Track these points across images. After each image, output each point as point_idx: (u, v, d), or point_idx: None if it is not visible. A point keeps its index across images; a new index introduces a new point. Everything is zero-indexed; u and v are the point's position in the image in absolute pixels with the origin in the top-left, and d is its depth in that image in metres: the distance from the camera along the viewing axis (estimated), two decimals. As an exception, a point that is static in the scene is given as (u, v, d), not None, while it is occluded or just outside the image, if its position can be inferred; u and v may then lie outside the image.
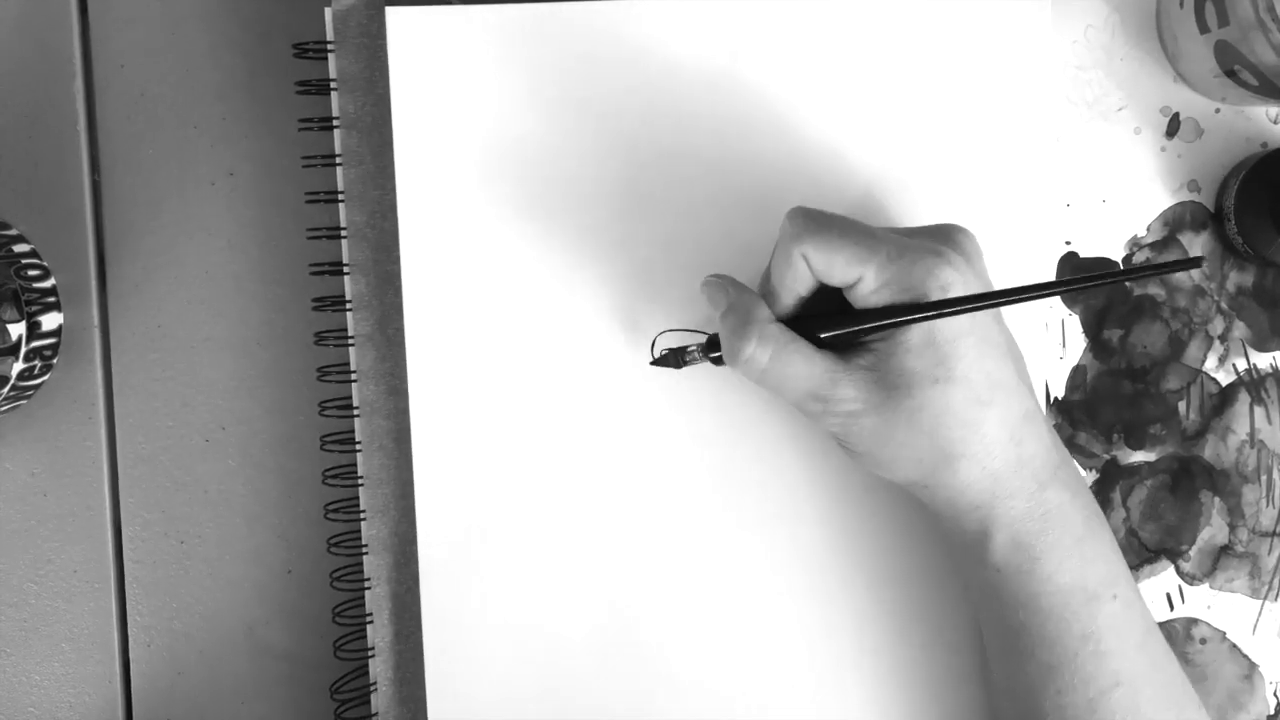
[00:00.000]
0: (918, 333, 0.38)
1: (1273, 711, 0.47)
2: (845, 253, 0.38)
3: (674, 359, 0.43)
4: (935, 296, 0.37)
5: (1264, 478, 0.48)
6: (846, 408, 0.39)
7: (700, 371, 0.44)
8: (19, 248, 0.47)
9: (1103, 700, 0.38)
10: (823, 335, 0.39)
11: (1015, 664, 0.40)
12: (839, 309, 0.40)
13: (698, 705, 0.45)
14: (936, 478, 0.39)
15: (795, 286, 0.39)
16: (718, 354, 0.42)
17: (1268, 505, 0.47)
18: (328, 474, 0.47)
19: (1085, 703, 0.38)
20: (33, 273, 0.47)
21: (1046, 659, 0.39)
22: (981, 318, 0.38)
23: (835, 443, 0.41)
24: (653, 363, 0.44)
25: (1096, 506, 0.40)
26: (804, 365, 0.39)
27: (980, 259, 0.40)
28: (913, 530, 0.45)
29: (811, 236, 0.38)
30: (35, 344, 0.46)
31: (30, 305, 0.46)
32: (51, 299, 0.48)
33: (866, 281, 0.38)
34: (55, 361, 0.49)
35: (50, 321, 0.48)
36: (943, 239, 0.39)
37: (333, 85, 0.45)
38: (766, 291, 0.40)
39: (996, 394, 0.38)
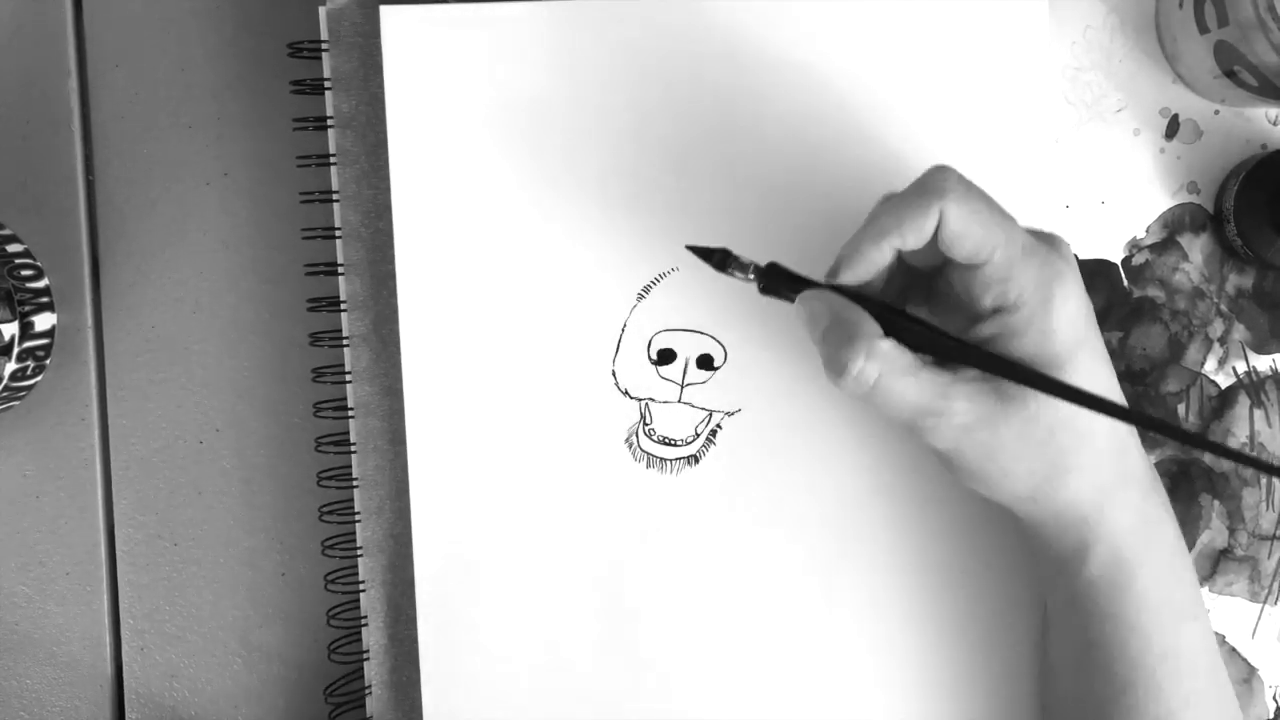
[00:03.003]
0: (1031, 340, 0.36)
1: (1272, 715, 0.47)
2: (985, 227, 0.36)
3: (717, 257, 0.39)
4: (1059, 300, 0.36)
5: (1264, 481, 0.47)
6: (960, 420, 0.36)
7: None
8: (12, 247, 0.47)
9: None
10: (936, 336, 0.37)
11: (1088, 676, 0.39)
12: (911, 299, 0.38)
13: (700, 708, 0.45)
14: (1045, 491, 0.38)
15: (908, 236, 0.36)
16: (765, 285, 0.39)
17: (1267, 509, 0.47)
18: (322, 475, 0.47)
19: None
20: (26, 273, 0.47)
21: (1124, 674, 0.38)
22: (1095, 328, 0.37)
23: (940, 461, 0.39)
24: (689, 246, 0.40)
25: (1178, 525, 0.40)
26: (914, 381, 0.36)
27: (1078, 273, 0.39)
28: (956, 530, 0.45)
29: (959, 196, 0.35)
30: (28, 344, 0.46)
31: (23, 305, 0.46)
32: (45, 299, 0.48)
33: (995, 265, 0.36)
34: (48, 362, 0.48)
35: (43, 322, 0.47)
36: (1056, 242, 0.38)
37: (327, 84, 0.45)
38: (862, 230, 0.37)
39: (1111, 397, 0.37)
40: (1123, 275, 0.47)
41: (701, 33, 0.44)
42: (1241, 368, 0.47)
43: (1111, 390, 0.38)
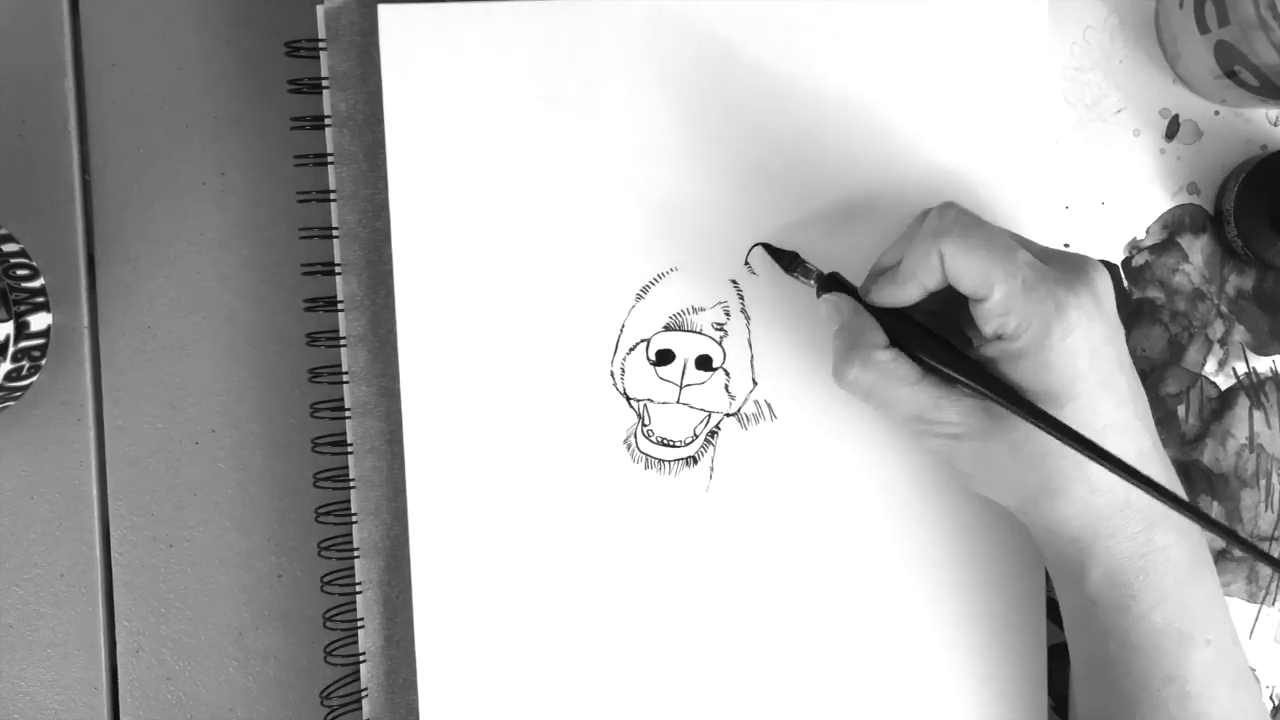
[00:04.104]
0: (1027, 368, 0.37)
1: (1269, 715, 0.47)
2: (982, 265, 0.37)
3: (787, 260, 0.43)
4: (1057, 336, 0.37)
5: (1263, 482, 0.47)
6: (949, 430, 0.39)
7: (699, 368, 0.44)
8: (7, 247, 0.47)
9: None
10: (926, 359, 0.39)
11: (1099, 691, 0.40)
12: (961, 310, 0.40)
13: (699, 708, 0.45)
14: (1036, 508, 0.38)
15: (924, 279, 0.38)
16: (824, 289, 0.42)
17: (1266, 510, 0.47)
18: (319, 476, 0.46)
19: None
20: (21, 272, 0.47)
21: (1130, 692, 0.38)
22: (1103, 359, 0.37)
23: (938, 458, 0.41)
24: (763, 245, 0.44)
25: (1206, 549, 0.40)
26: (908, 391, 0.39)
27: (1111, 299, 0.39)
28: (957, 532, 0.45)
29: (955, 238, 0.37)
30: (23, 344, 0.46)
31: (19, 305, 0.46)
32: (40, 299, 0.47)
33: (994, 302, 0.37)
34: (44, 362, 0.48)
35: (39, 322, 0.47)
36: (1078, 272, 0.38)
37: (324, 83, 0.45)
38: (889, 271, 0.40)
39: (1108, 435, 0.37)
40: (1123, 276, 0.47)
41: (700, 33, 0.44)
42: (1241, 369, 0.47)
43: (1114, 423, 0.38)
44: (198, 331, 0.49)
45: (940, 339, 0.40)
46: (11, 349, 0.45)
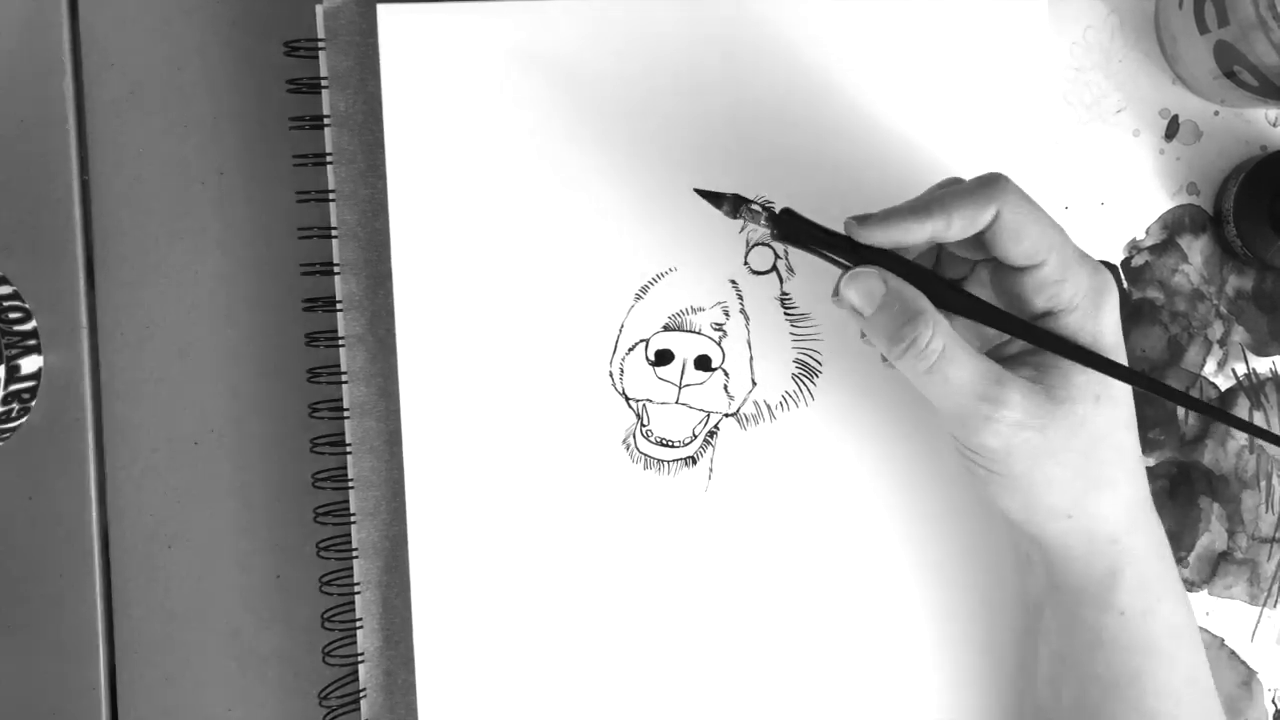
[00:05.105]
0: (1083, 344, 0.37)
1: (1271, 718, 0.47)
2: (1041, 229, 0.36)
3: (729, 203, 0.37)
4: (1108, 307, 0.37)
5: (1263, 483, 0.47)
6: (1013, 415, 0.36)
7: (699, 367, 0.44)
8: (1, 290, 0.47)
9: None
10: (992, 320, 0.37)
11: (1117, 712, 0.39)
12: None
13: (697, 708, 0.45)
14: (1082, 505, 0.37)
15: (956, 223, 0.36)
16: (780, 231, 0.37)
17: (1267, 511, 0.47)
18: (317, 477, 0.46)
19: None
20: (13, 315, 0.47)
21: (1154, 705, 0.38)
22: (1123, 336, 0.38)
23: (975, 473, 0.38)
24: (698, 189, 0.38)
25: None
26: (972, 364, 0.36)
27: None
28: (952, 534, 0.45)
29: (1015, 198, 0.36)
30: (14, 387, 0.46)
31: (10, 349, 0.46)
32: (32, 341, 0.47)
33: (1049, 268, 0.36)
34: (33, 405, 0.48)
35: (29, 365, 0.47)
36: (1099, 263, 0.38)
37: (324, 83, 0.45)
38: (907, 204, 0.37)
39: (1134, 421, 0.38)
40: (1122, 277, 0.47)
41: (701, 33, 0.44)
42: (1241, 370, 0.47)
43: (1133, 410, 0.38)
44: (197, 331, 0.48)
45: (993, 305, 0.37)
46: (1, 392, 0.45)
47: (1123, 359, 0.37)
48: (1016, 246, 0.36)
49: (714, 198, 0.38)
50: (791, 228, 0.37)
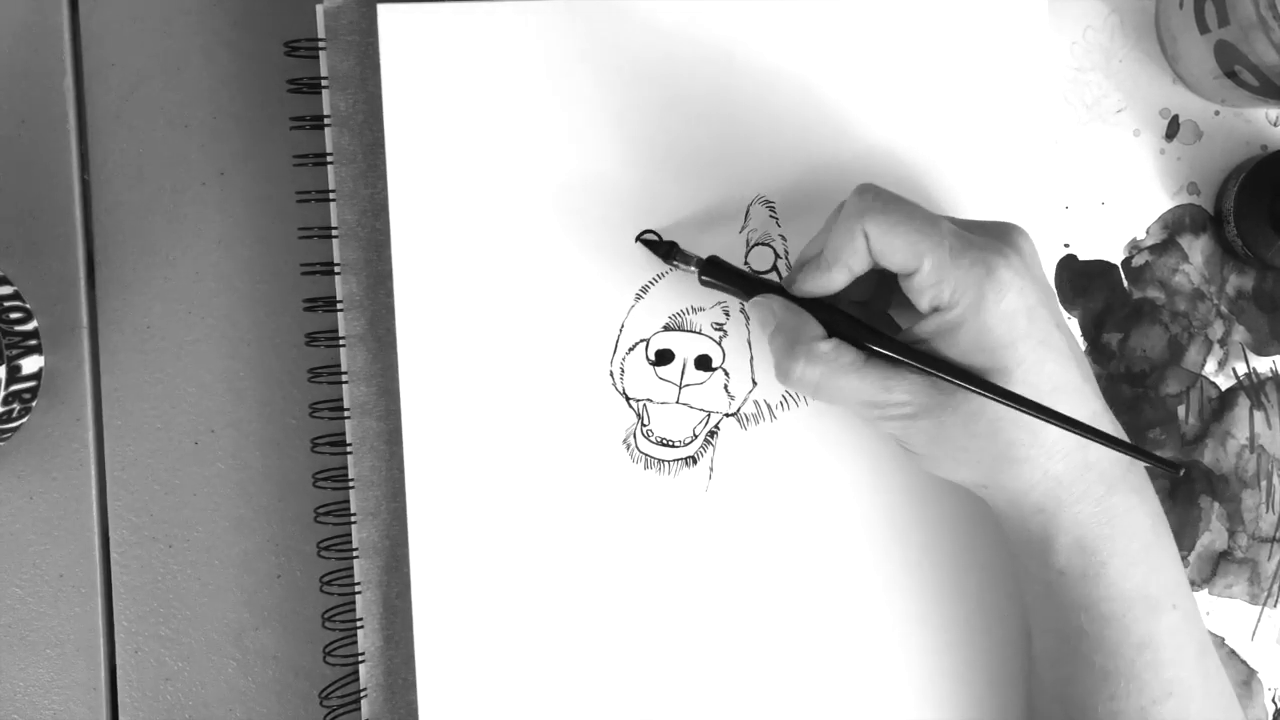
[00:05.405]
0: (967, 336, 0.37)
1: (1271, 717, 0.47)
2: (907, 238, 0.37)
3: (663, 249, 0.43)
4: (991, 299, 0.37)
5: (1264, 483, 0.47)
6: (901, 411, 0.38)
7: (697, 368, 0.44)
8: (2, 290, 0.47)
9: (1154, 709, 0.38)
10: (868, 344, 0.39)
11: (1069, 669, 0.39)
12: (887, 296, 0.40)
13: (697, 708, 0.45)
14: (996, 480, 0.38)
15: (850, 262, 0.38)
16: (708, 277, 0.42)
17: (1267, 511, 0.47)
18: (318, 476, 0.46)
19: (1137, 710, 0.38)
20: (14, 315, 0.47)
21: (1103, 665, 0.38)
22: (1040, 319, 0.38)
23: (894, 444, 0.41)
24: (639, 238, 0.44)
25: (1162, 512, 0.40)
26: (855, 378, 0.38)
27: (1038, 262, 0.39)
28: (952, 530, 0.45)
29: (876, 215, 0.37)
30: (14, 388, 0.46)
31: (11, 349, 0.46)
32: (33, 341, 0.47)
33: (924, 274, 0.37)
34: (34, 405, 0.48)
35: (30, 365, 0.47)
36: (1003, 236, 0.39)
37: (324, 83, 0.45)
38: (813, 259, 0.39)
39: (1058, 397, 0.37)
40: (1123, 276, 0.47)
41: (700, 32, 0.44)
42: (1242, 369, 0.47)
43: (1062, 385, 0.38)
44: (197, 331, 0.48)
45: (868, 325, 0.39)
46: (2, 392, 0.45)
47: (1024, 348, 0.37)
48: (891, 259, 0.37)
49: (653, 245, 0.43)
50: (715, 273, 0.42)
